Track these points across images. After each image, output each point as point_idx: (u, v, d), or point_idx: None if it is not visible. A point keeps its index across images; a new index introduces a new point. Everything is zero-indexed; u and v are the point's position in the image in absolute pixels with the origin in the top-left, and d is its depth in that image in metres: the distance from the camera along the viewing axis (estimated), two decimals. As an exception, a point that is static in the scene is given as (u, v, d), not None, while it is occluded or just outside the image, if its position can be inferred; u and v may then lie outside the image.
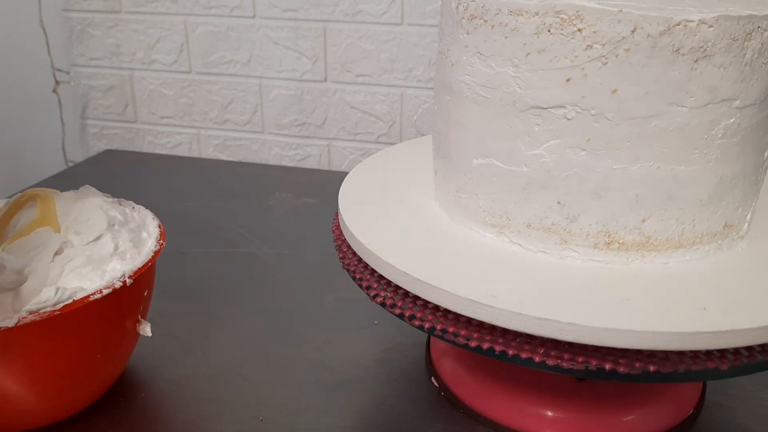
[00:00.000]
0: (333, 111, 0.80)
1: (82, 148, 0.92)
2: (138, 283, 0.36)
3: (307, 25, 0.77)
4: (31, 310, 0.32)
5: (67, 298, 0.33)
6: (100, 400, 0.40)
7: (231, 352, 0.45)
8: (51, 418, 0.38)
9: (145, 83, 0.86)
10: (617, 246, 0.33)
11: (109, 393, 0.41)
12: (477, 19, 0.33)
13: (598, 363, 0.29)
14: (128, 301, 0.37)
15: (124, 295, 0.36)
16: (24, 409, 0.36)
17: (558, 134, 0.31)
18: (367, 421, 0.39)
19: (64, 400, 0.38)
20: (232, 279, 0.55)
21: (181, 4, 0.81)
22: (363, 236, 0.36)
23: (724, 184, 0.32)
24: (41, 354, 0.34)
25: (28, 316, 0.32)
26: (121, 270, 0.36)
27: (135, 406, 0.40)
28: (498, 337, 0.31)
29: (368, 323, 0.48)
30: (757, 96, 0.31)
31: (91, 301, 0.34)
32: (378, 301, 0.34)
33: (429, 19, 0.74)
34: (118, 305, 0.36)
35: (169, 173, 0.79)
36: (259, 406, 0.40)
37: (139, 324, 0.39)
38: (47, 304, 0.32)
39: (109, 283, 0.35)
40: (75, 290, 0.34)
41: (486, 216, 0.35)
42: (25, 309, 0.32)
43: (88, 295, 0.34)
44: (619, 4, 0.29)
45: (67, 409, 0.38)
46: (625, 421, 0.37)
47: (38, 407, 0.37)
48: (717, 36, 0.29)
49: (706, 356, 0.29)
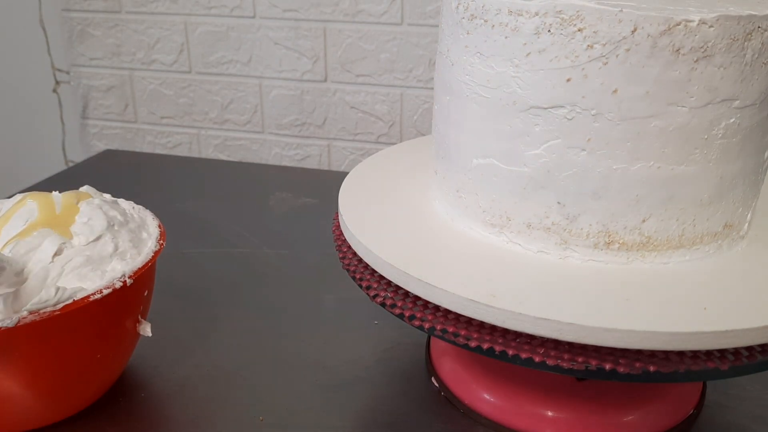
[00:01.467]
0: (333, 111, 0.80)
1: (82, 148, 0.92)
2: (138, 283, 0.36)
3: (307, 25, 0.77)
4: (32, 310, 0.32)
5: (68, 298, 0.33)
6: (101, 400, 0.40)
7: (231, 352, 0.45)
8: (51, 419, 0.38)
9: (145, 83, 0.86)
10: (617, 246, 0.33)
11: (110, 393, 0.41)
12: (477, 19, 0.33)
13: (598, 363, 0.29)
14: (128, 301, 0.37)
15: (125, 295, 0.36)
16: (23, 409, 0.36)
17: (558, 134, 0.31)
18: (367, 421, 0.39)
19: (64, 401, 0.38)
20: (232, 279, 0.55)
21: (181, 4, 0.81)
22: (363, 236, 0.36)
23: (725, 184, 0.32)
24: (41, 354, 0.34)
25: (29, 316, 0.32)
26: (121, 270, 0.36)
27: (135, 406, 0.40)
28: (498, 337, 0.31)
29: (368, 323, 0.48)
30: (757, 96, 0.31)
31: (91, 301, 0.34)
32: (378, 301, 0.34)
33: (429, 19, 0.74)
34: (118, 305, 0.36)
35: (169, 173, 0.79)
36: (259, 406, 0.40)
37: (139, 324, 0.39)
38: (47, 304, 0.32)
39: (110, 283, 0.35)
40: (75, 290, 0.34)
41: (486, 216, 0.35)
42: (25, 309, 0.32)
43: (88, 295, 0.34)
44: (620, 4, 0.29)
45: (67, 410, 0.38)
46: (625, 421, 0.37)
47: (38, 407, 0.37)
48: (717, 36, 0.29)
49: (706, 356, 0.29)
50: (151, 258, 0.38)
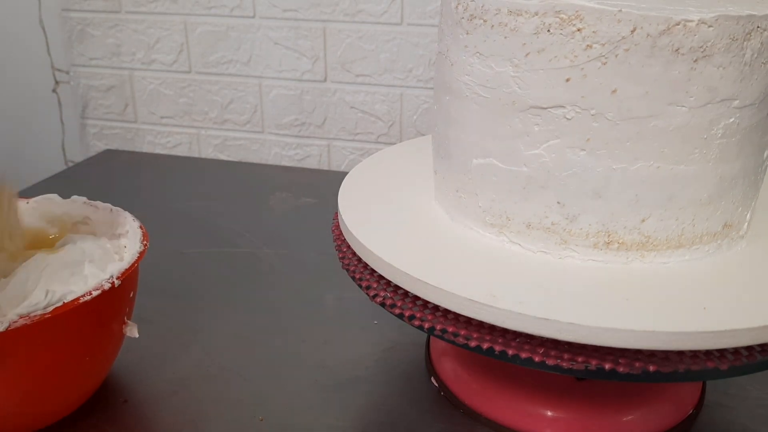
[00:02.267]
0: (333, 111, 0.80)
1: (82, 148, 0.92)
2: (125, 284, 0.37)
3: (307, 25, 0.77)
4: (22, 314, 0.32)
5: (57, 300, 0.33)
6: (102, 400, 0.40)
7: (231, 351, 0.45)
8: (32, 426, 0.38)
9: (145, 83, 0.86)
10: (617, 246, 0.33)
11: (110, 393, 0.41)
12: (477, 19, 0.33)
13: (598, 363, 0.29)
14: (115, 303, 0.37)
15: (112, 297, 0.36)
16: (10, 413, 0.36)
17: (558, 134, 0.31)
18: (367, 421, 0.39)
19: (51, 404, 0.37)
20: (232, 279, 0.55)
21: (181, 4, 0.81)
22: (363, 236, 0.36)
23: (724, 184, 0.32)
24: (30, 359, 0.34)
25: (19, 320, 0.32)
26: (109, 272, 0.36)
27: (135, 406, 0.40)
28: (498, 337, 0.31)
29: (368, 323, 0.48)
30: (756, 96, 0.31)
31: (80, 304, 0.34)
32: (378, 301, 0.34)
33: (429, 19, 0.74)
34: (105, 307, 0.36)
35: (169, 173, 0.79)
36: (259, 406, 0.40)
37: (126, 326, 0.39)
38: (38, 308, 0.32)
39: (98, 285, 0.35)
40: (64, 293, 0.33)
41: (486, 216, 0.35)
42: (16, 312, 0.32)
43: (78, 298, 0.34)
44: (619, 4, 0.29)
45: (53, 414, 0.38)
46: (625, 421, 0.37)
47: (21, 413, 0.36)
48: (716, 36, 0.29)
49: (706, 356, 0.29)
50: (137, 259, 0.38)
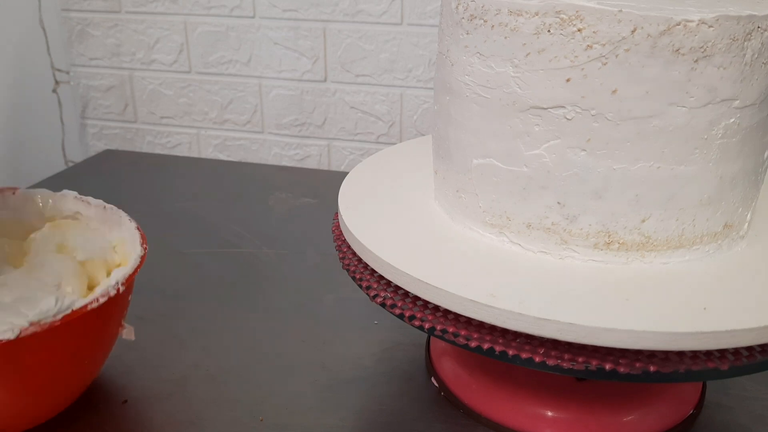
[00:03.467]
0: (333, 111, 0.80)
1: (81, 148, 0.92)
2: (127, 289, 0.37)
3: (307, 25, 0.77)
4: (33, 321, 0.32)
5: (66, 308, 0.33)
6: (102, 401, 0.40)
7: (231, 352, 0.45)
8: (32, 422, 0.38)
9: (145, 83, 0.86)
10: (617, 246, 0.33)
11: (109, 393, 0.41)
12: (477, 20, 0.33)
13: (598, 363, 0.29)
14: (117, 307, 0.37)
15: (115, 302, 0.36)
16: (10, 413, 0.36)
17: (558, 134, 0.31)
18: (367, 421, 0.39)
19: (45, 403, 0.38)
20: (232, 279, 0.55)
21: (181, 4, 0.81)
22: (363, 236, 0.36)
23: (724, 184, 0.32)
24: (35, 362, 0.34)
25: (30, 328, 0.32)
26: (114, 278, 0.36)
27: (135, 406, 0.40)
28: (498, 338, 0.31)
29: (368, 323, 0.48)
30: (757, 96, 0.31)
31: (89, 311, 0.34)
32: (378, 301, 0.34)
33: (429, 19, 0.74)
34: (109, 312, 0.36)
35: (169, 173, 0.79)
36: (259, 406, 0.40)
37: (123, 329, 0.39)
38: (48, 315, 0.32)
39: (104, 291, 0.35)
40: (73, 300, 0.34)
41: (486, 216, 0.35)
42: (27, 320, 0.32)
43: (86, 305, 0.34)
44: (619, 4, 0.29)
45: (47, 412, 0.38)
46: (625, 421, 0.37)
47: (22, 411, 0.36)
48: (717, 36, 0.29)
49: (706, 356, 0.29)
50: (139, 264, 0.38)
